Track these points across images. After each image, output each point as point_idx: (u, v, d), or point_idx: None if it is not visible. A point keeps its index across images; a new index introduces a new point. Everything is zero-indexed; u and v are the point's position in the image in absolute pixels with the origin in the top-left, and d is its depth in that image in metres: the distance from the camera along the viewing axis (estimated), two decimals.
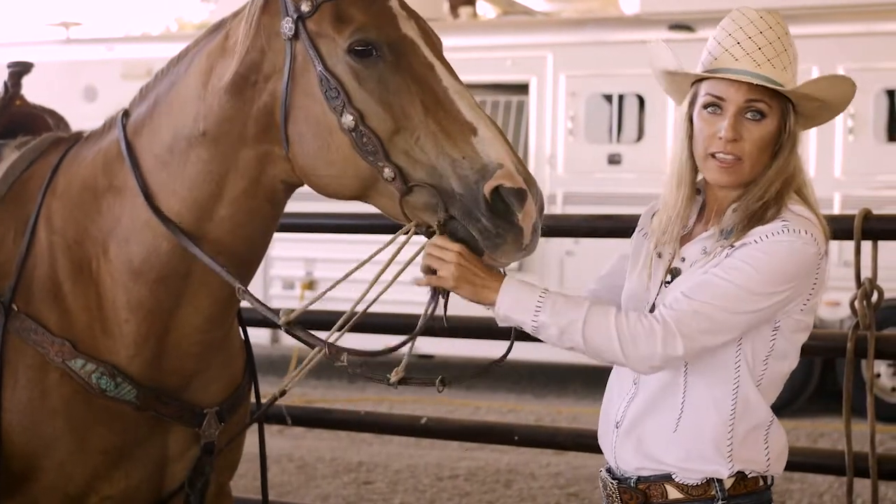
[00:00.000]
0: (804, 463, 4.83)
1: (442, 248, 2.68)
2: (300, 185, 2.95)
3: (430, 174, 2.69)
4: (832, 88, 2.81)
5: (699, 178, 2.91)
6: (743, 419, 2.80)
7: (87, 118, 3.22)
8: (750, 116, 2.77)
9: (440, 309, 2.82)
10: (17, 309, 3.00)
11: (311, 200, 3.02)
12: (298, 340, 2.94)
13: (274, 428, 9.25)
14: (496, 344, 3.34)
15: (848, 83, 2.83)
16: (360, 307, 2.88)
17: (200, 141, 2.92)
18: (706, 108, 2.81)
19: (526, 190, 2.66)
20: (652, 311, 2.82)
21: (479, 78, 11.45)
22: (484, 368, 3.03)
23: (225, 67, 2.89)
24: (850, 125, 10.69)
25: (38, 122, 3.57)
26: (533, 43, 12.07)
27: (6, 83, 3.62)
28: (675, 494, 2.81)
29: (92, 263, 3.02)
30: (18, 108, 3.60)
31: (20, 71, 3.65)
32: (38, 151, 3.22)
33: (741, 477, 2.80)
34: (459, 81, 2.79)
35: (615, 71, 11.18)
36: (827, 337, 5.10)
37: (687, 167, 2.88)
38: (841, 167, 10.72)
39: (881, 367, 10.49)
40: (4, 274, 3.04)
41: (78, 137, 3.26)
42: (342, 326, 2.89)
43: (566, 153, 11.65)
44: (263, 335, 10.59)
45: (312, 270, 12.32)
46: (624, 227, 3.43)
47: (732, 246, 2.73)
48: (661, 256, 2.89)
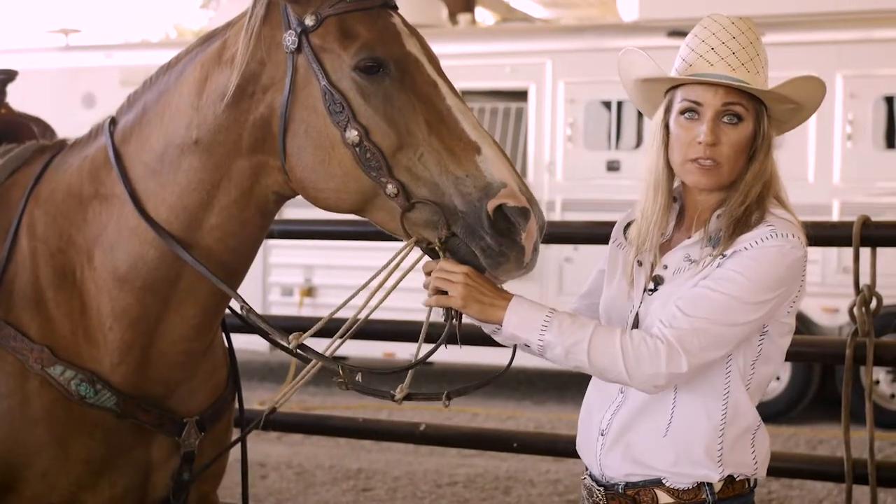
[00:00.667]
0: (803, 470, 4.84)
1: (449, 270, 2.71)
2: (291, 196, 2.95)
3: (432, 191, 2.70)
4: (804, 89, 2.84)
5: (676, 185, 2.93)
6: (733, 424, 2.81)
7: (85, 125, 3.21)
8: (727, 120, 2.80)
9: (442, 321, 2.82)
10: None
11: (309, 207, 3.02)
12: (305, 362, 2.94)
13: (272, 435, 9.25)
14: (496, 351, 3.33)
15: (819, 84, 2.87)
16: (358, 315, 2.89)
17: (193, 150, 2.91)
18: (683, 113, 2.83)
19: (529, 209, 2.68)
20: (636, 321, 2.85)
21: (477, 85, 11.47)
22: (488, 380, 3.03)
23: (222, 77, 2.88)
24: (848, 132, 10.70)
25: (22, 130, 3.55)
26: (532, 50, 12.08)
27: None
28: (665, 499, 2.82)
29: (76, 271, 3.02)
30: (3, 116, 3.59)
31: (5, 79, 3.64)
32: (21, 160, 3.21)
33: (730, 480, 2.81)
34: (462, 100, 2.81)
35: (614, 78, 11.10)
36: (826, 344, 5.11)
37: (663, 175, 2.90)
38: (839, 174, 10.72)
39: (880, 373, 10.50)
40: None
41: (62, 146, 3.25)
42: (341, 335, 2.89)
43: (565, 160, 11.65)
44: (262, 343, 10.58)
45: (311, 277, 12.31)
46: None
47: (723, 255, 2.75)
48: (641, 265, 2.91)
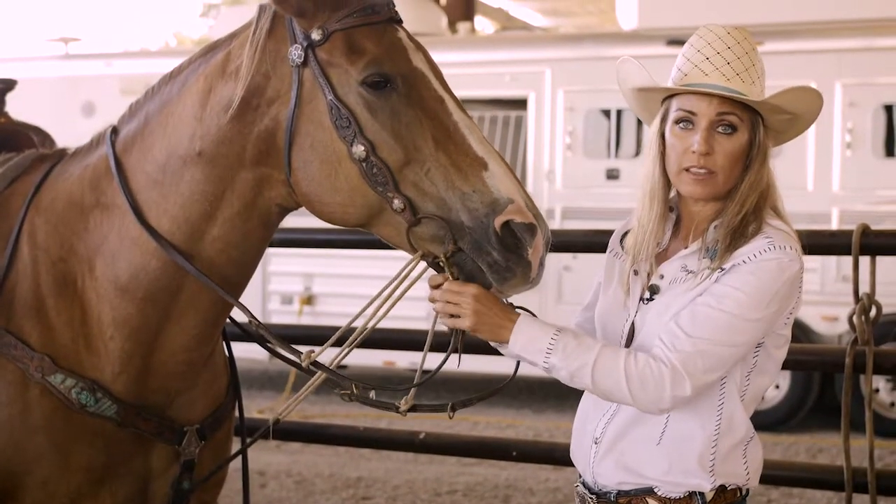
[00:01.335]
0: (803, 478, 4.83)
1: (458, 292, 2.71)
2: (294, 209, 2.96)
3: (439, 206, 2.71)
4: (800, 100, 2.84)
5: (672, 195, 2.94)
6: (727, 435, 2.82)
7: (85, 133, 3.21)
8: (721, 130, 2.80)
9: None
10: None
11: (308, 216, 3.02)
12: (311, 374, 2.95)
13: (272, 443, 9.25)
14: (497, 360, 3.33)
15: (815, 95, 2.86)
16: (357, 324, 2.90)
17: (196, 161, 2.91)
18: (678, 123, 2.84)
19: (536, 225, 2.69)
20: (632, 330, 2.86)
21: (477, 93, 11.47)
22: (492, 391, 3.04)
23: (226, 89, 2.88)
24: (848, 140, 10.70)
25: (21, 139, 3.56)
26: (531, 58, 12.08)
27: None
28: None
29: (77, 280, 3.02)
30: (2, 125, 3.59)
31: (4, 88, 3.64)
32: (20, 168, 3.21)
33: (721, 490, 2.82)
34: (468, 115, 2.82)
35: (613, 86, 11.10)
36: (825, 352, 5.11)
37: (660, 184, 2.90)
38: (839, 182, 10.72)
39: (880, 382, 10.49)
40: None
41: (62, 154, 3.26)
42: (348, 345, 2.91)
43: (564, 168, 11.65)
44: (261, 351, 10.56)
45: (311, 285, 12.31)
46: None
47: (721, 269, 2.75)
48: (637, 274, 2.91)
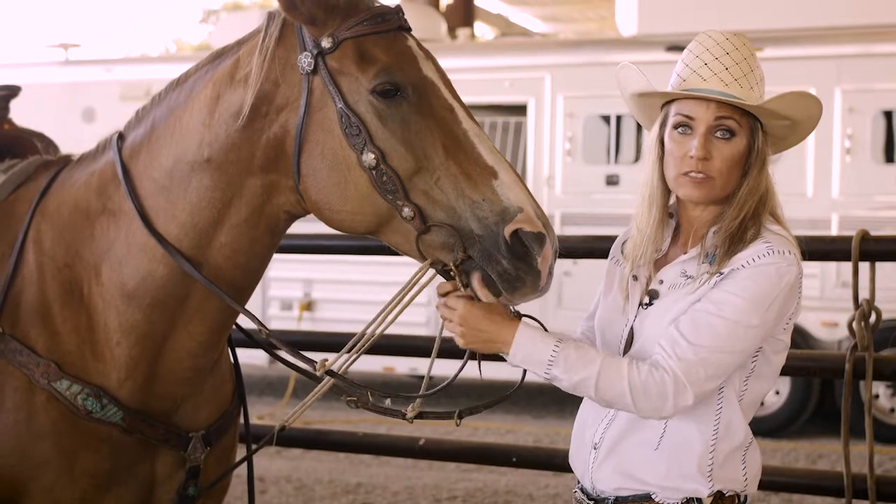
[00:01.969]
0: (803, 484, 4.83)
1: (451, 308, 2.74)
2: (302, 216, 2.96)
3: (449, 215, 2.72)
4: (798, 105, 2.84)
5: (672, 201, 2.95)
6: (725, 440, 2.82)
7: (85, 139, 3.21)
8: (719, 135, 2.81)
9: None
10: (2, 331, 2.99)
11: (308, 221, 3.02)
12: (338, 386, 2.97)
13: (272, 449, 9.23)
14: (499, 365, 3.33)
15: (813, 100, 2.87)
16: (367, 331, 2.91)
17: (204, 167, 2.92)
18: (676, 128, 2.85)
19: (545, 234, 2.69)
20: (631, 335, 2.87)
21: (477, 99, 11.47)
22: (499, 399, 3.05)
23: (234, 96, 2.89)
24: (847, 146, 10.70)
25: (26, 145, 3.56)
26: (531, 64, 12.09)
27: None
28: None
29: (83, 286, 3.02)
30: (6, 131, 3.59)
31: (8, 95, 3.64)
32: (24, 174, 3.22)
33: (719, 496, 2.82)
34: (478, 124, 2.82)
35: (613, 92, 11.09)
36: (825, 358, 5.10)
37: (658, 190, 2.91)
38: (839, 188, 10.72)
39: (879, 388, 10.49)
40: None
41: (67, 161, 3.26)
42: (352, 352, 2.92)
43: (564, 174, 11.66)
44: (261, 357, 10.58)
45: (311, 291, 12.31)
46: None
47: (720, 273, 2.75)
48: (636, 279, 2.92)
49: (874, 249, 4.44)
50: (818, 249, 4.61)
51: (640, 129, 11.49)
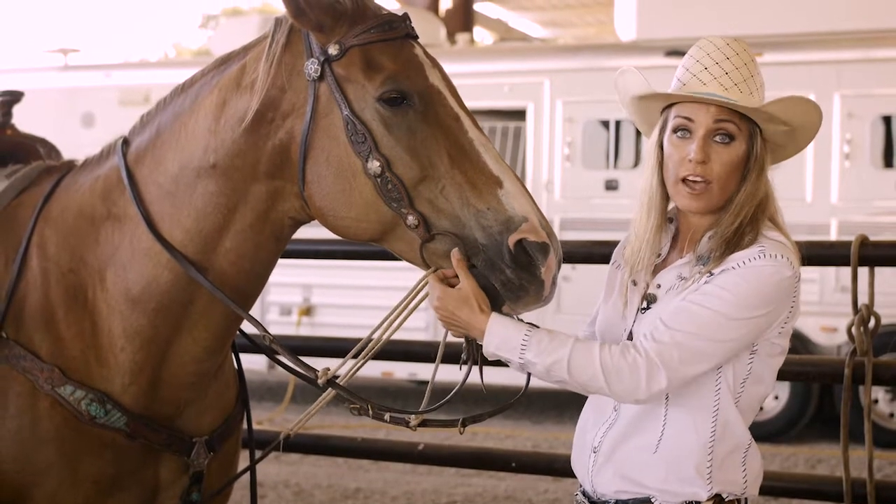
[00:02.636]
0: (802, 489, 4.82)
1: (431, 296, 2.76)
2: (307, 222, 2.97)
3: (453, 223, 2.72)
4: (797, 110, 2.84)
5: (671, 206, 2.95)
6: (722, 441, 2.82)
7: (84, 144, 3.21)
8: (718, 139, 2.81)
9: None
10: (6, 336, 2.99)
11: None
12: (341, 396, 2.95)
13: (270, 454, 9.22)
14: (501, 370, 3.33)
15: (812, 106, 2.86)
16: (370, 338, 2.91)
17: (210, 173, 2.92)
18: (676, 132, 2.85)
19: (550, 244, 2.70)
20: (630, 338, 2.86)
21: (476, 104, 11.39)
22: (503, 406, 3.06)
23: (241, 102, 2.89)
24: (846, 151, 10.71)
25: (28, 151, 3.55)
26: (530, 69, 12.10)
27: None
28: None
29: (87, 291, 3.02)
30: (9, 137, 3.59)
31: (10, 100, 3.64)
32: (28, 180, 3.22)
33: (718, 499, 2.81)
34: (483, 133, 2.82)
35: (612, 97, 11.08)
36: (824, 363, 5.10)
37: (658, 195, 2.91)
38: (838, 193, 10.73)
39: (879, 392, 10.49)
40: None
41: (70, 166, 3.26)
42: (355, 359, 2.92)
43: (563, 179, 11.66)
44: (260, 361, 10.58)
45: (310, 296, 12.31)
46: None
47: (711, 273, 2.76)
48: (636, 284, 2.93)
49: (873, 254, 4.44)
50: (817, 254, 4.61)
51: (639, 133, 11.50)
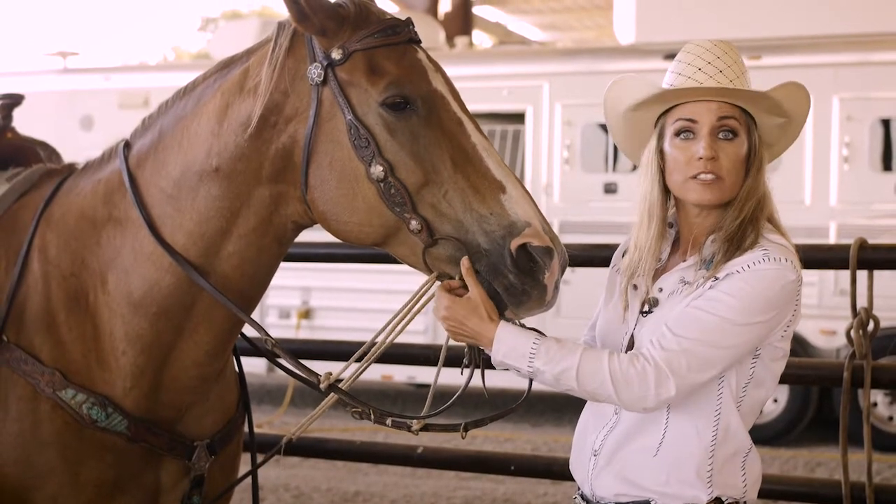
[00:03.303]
0: (801, 492, 4.82)
1: (438, 306, 2.76)
2: (309, 225, 2.97)
3: (456, 228, 2.72)
4: (795, 96, 2.86)
5: (671, 211, 2.95)
6: (723, 445, 2.82)
7: (83, 148, 3.21)
8: (722, 136, 2.81)
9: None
10: (7, 340, 2.99)
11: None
12: (344, 401, 2.96)
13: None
14: (501, 374, 3.33)
15: (805, 93, 2.88)
16: (374, 343, 2.91)
17: (213, 177, 2.91)
18: (678, 135, 2.85)
19: (553, 248, 2.70)
20: (631, 343, 2.86)
21: (475, 107, 11.37)
22: (506, 411, 3.06)
23: (244, 106, 2.88)
24: (845, 154, 10.72)
25: (29, 154, 3.55)
26: (529, 72, 12.11)
27: None
28: None
29: (89, 294, 3.01)
30: (9, 140, 3.59)
31: (11, 103, 3.64)
32: (28, 183, 3.22)
33: (718, 503, 2.81)
34: (486, 138, 2.82)
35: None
36: (823, 366, 5.10)
37: (658, 202, 2.91)
38: (836, 196, 10.73)
39: (878, 396, 10.49)
40: None
41: (71, 169, 3.26)
42: (354, 367, 2.92)
43: (562, 182, 11.67)
44: (259, 364, 10.58)
45: (309, 300, 12.31)
46: None
47: (716, 278, 2.75)
48: (636, 288, 2.92)
49: (872, 258, 4.44)
50: (816, 257, 4.61)
51: None
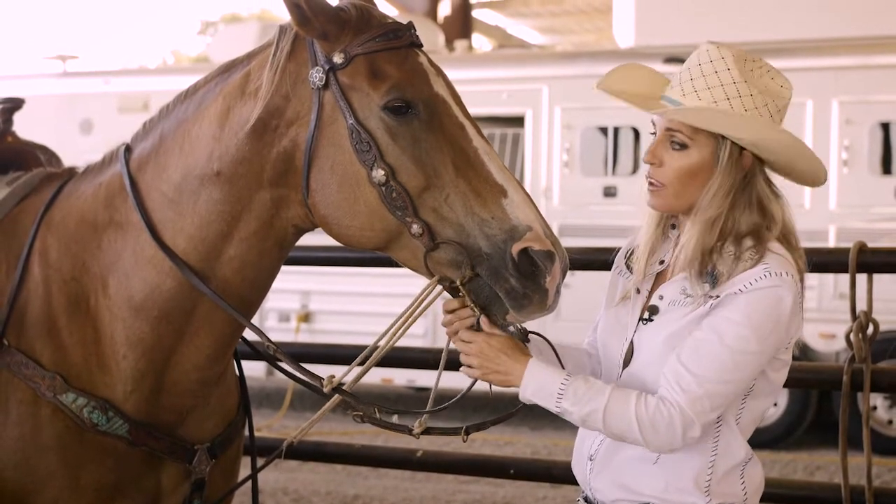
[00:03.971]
0: (801, 496, 4.81)
1: (467, 342, 2.75)
2: (310, 229, 2.97)
3: (457, 232, 2.72)
4: (714, 121, 2.75)
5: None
6: (723, 458, 2.81)
7: (83, 151, 3.22)
8: (671, 146, 2.80)
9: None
10: (7, 343, 2.99)
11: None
12: (348, 403, 2.95)
13: None
14: None
15: (724, 117, 2.75)
16: (377, 346, 2.91)
17: (214, 180, 2.91)
18: (653, 134, 2.86)
19: (554, 252, 2.70)
20: (630, 350, 2.85)
21: (474, 111, 11.36)
22: (507, 415, 3.07)
23: (245, 110, 2.88)
24: (845, 158, 10.72)
25: (29, 158, 3.55)
26: (528, 76, 12.11)
27: None
28: None
29: (90, 298, 3.01)
30: (10, 144, 3.59)
31: (11, 107, 3.64)
32: (29, 187, 3.22)
33: None
34: (488, 142, 2.82)
35: (610, 104, 11.12)
36: (823, 370, 5.10)
37: None
38: (836, 200, 10.73)
39: (877, 399, 10.48)
40: None
41: (71, 173, 3.26)
42: (357, 370, 2.93)
43: (562, 185, 11.67)
44: (258, 368, 10.58)
45: (308, 303, 12.30)
46: None
47: (717, 297, 2.72)
48: (639, 292, 2.91)
49: (871, 261, 4.44)
50: (816, 261, 4.58)
51: (637, 140, 11.52)
